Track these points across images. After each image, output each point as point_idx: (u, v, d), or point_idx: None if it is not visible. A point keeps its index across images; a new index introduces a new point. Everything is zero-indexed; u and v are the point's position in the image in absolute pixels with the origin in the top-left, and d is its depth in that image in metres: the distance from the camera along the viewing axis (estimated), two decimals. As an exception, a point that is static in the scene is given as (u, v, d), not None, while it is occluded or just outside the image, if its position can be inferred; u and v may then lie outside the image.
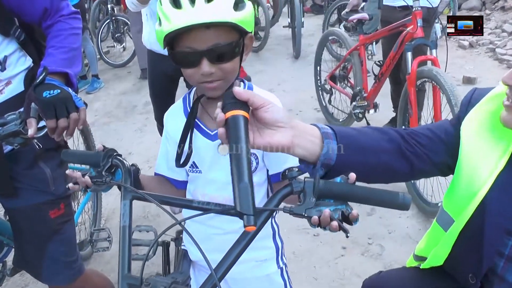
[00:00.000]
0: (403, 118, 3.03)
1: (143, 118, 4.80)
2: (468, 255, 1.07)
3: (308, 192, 0.85)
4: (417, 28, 2.70)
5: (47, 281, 1.68)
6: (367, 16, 3.36)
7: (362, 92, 3.41)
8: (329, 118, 4.09)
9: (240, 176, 0.76)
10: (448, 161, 1.08)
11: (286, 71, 5.67)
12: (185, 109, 1.26)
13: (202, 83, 1.09)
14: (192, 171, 1.26)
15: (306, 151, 0.92)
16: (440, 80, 2.45)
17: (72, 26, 1.51)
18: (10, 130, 1.26)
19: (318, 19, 7.62)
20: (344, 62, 3.78)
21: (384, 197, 0.85)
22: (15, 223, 1.60)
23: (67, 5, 1.54)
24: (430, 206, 2.71)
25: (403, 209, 0.84)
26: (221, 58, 1.05)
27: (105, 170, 1.07)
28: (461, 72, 4.80)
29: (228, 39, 1.04)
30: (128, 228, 0.90)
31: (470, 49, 5.68)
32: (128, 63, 6.62)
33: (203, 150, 1.21)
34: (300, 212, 0.84)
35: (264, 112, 0.85)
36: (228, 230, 1.22)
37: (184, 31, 1.00)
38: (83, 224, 2.72)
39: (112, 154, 1.08)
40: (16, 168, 1.51)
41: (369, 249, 2.57)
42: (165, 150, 1.31)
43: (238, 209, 0.74)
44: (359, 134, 1.01)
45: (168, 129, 1.29)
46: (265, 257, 1.35)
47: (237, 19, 1.00)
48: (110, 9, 6.55)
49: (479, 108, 1.06)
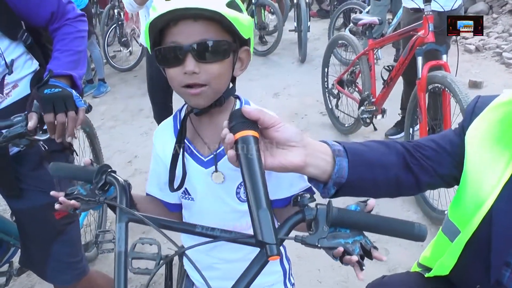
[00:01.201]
0: (410, 120, 3.01)
1: (149, 121, 4.79)
2: (475, 265, 1.05)
3: (321, 220, 0.80)
4: (428, 33, 2.67)
5: (52, 281, 1.69)
6: (377, 21, 3.34)
7: (370, 97, 3.39)
8: (335, 122, 4.07)
9: (258, 202, 0.71)
10: (454, 172, 1.05)
11: (292, 75, 5.66)
12: (175, 128, 1.15)
13: (185, 88, 0.98)
14: (184, 197, 1.17)
15: (318, 170, 0.89)
16: (455, 89, 2.42)
17: (78, 29, 1.53)
18: (16, 131, 1.27)
19: (324, 23, 7.62)
20: (352, 66, 3.77)
21: (400, 227, 0.82)
22: (21, 224, 1.62)
23: (73, 8, 1.56)
24: (435, 212, 2.68)
25: (419, 240, 0.80)
26: (208, 56, 0.95)
27: (98, 188, 0.98)
28: (467, 76, 4.77)
29: (217, 37, 0.95)
30: (124, 254, 0.82)
31: (476, 53, 5.65)
32: (134, 67, 6.65)
33: (195, 177, 1.11)
34: (313, 243, 0.79)
35: (275, 131, 0.81)
36: (231, 259, 1.16)
37: (169, 21, 0.93)
38: (88, 226, 2.72)
39: (106, 170, 0.99)
40: (22, 170, 1.53)
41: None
42: (156, 171, 1.20)
43: (260, 238, 0.69)
44: (367, 149, 0.99)
45: (157, 149, 1.18)
46: (272, 282, 1.28)
47: (228, 14, 0.92)
48: (117, 14, 6.59)
49: (483, 117, 1.04)
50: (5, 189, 1.53)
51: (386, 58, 5.61)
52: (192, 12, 0.91)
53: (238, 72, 1.06)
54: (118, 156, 4.11)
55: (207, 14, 0.91)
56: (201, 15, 0.92)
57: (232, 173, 1.08)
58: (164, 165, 1.14)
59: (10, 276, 1.89)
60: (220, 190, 1.11)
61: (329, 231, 0.79)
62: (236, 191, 1.11)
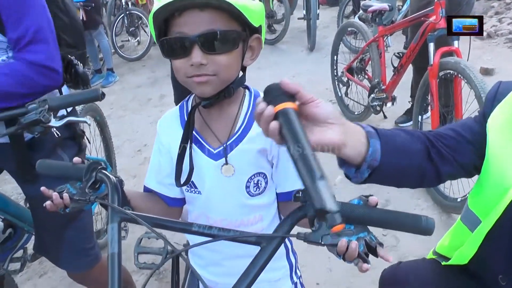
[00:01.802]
0: (419, 108, 2.98)
1: (158, 110, 4.80)
2: (497, 255, 1.03)
3: None
4: (440, 18, 2.62)
5: (66, 267, 1.72)
6: (387, 7, 3.30)
7: (380, 84, 3.36)
8: (344, 110, 4.05)
9: (313, 174, 0.65)
10: (475, 161, 1.02)
11: (301, 63, 5.63)
12: (181, 118, 1.11)
13: (191, 77, 0.94)
14: (189, 191, 1.13)
15: (355, 151, 0.84)
16: (469, 75, 2.37)
17: (21, 72, 1.35)
18: (31, 118, 1.29)
19: (332, 11, 7.55)
20: (362, 54, 3.73)
21: (407, 221, 0.78)
22: (34, 210, 1.64)
23: (38, 52, 1.36)
24: (447, 200, 2.65)
25: (426, 234, 0.77)
26: (216, 47, 0.91)
27: (88, 186, 0.95)
28: (479, 63, 4.70)
29: (225, 27, 0.91)
30: (117, 256, 0.78)
31: (488, 40, 5.57)
32: (142, 56, 6.65)
33: (204, 170, 1.07)
34: (316, 240, 0.75)
35: (315, 107, 0.76)
36: (236, 255, 1.10)
37: (175, 10, 0.89)
38: (99, 214, 2.74)
39: (96, 168, 0.95)
40: (36, 156, 1.53)
41: (383, 241, 2.48)
42: (157, 162, 1.15)
43: (319, 206, 0.62)
44: (394, 135, 0.96)
45: (161, 139, 1.14)
46: (279, 277, 1.25)
47: (236, 2, 0.87)
48: (125, 3, 6.58)
49: (506, 103, 1.00)
50: (21, 174, 1.55)
51: (396, 45, 5.54)
52: (198, 1, 0.87)
53: (249, 62, 1.02)
54: (128, 145, 4.13)
55: (214, 3, 0.87)
56: (208, 4, 0.88)
57: (243, 166, 1.06)
58: (169, 156, 1.10)
59: (25, 262, 1.92)
60: (229, 183, 1.07)
61: None
62: (246, 185, 1.08)
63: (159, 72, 6.03)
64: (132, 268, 2.48)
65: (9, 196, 1.80)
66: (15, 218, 1.78)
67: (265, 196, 1.12)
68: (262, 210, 1.13)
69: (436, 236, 2.61)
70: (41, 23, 1.35)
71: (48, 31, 1.38)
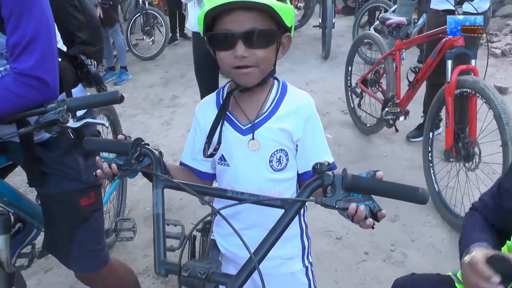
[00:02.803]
0: (431, 124, 2.97)
1: (169, 111, 4.81)
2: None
3: (338, 185, 0.88)
4: (459, 36, 2.61)
5: (74, 268, 1.71)
6: (405, 21, 3.29)
7: (394, 98, 3.35)
8: (357, 121, 4.04)
9: None
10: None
11: (314, 71, 5.63)
12: (217, 102, 1.27)
13: (235, 69, 1.10)
14: (220, 163, 1.27)
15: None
16: (489, 95, 2.36)
17: (6, 88, 1.30)
18: (49, 118, 1.30)
19: (348, 20, 7.55)
20: (377, 66, 3.72)
21: (406, 191, 0.89)
22: (46, 208, 1.64)
23: (27, 61, 1.30)
24: (458, 219, 2.63)
25: (422, 203, 0.88)
26: (256, 43, 1.06)
27: (134, 158, 1.07)
28: (492, 81, 4.65)
29: (265, 26, 1.06)
30: (162, 216, 0.91)
31: (502, 58, 5.54)
32: (156, 56, 6.67)
33: (233, 144, 1.22)
34: (331, 204, 0.88)
35: None
36: (255, 224, 1.25)
37: (224, 10, 1.03)
38: (107, 213, 2.75)
39: (140, 143, 1.07)
40: (52, 155, 1.55)
41: (391, 256, 2.53)
42: (193, 140, 1.32)
43: None
44: None
45: (199, 120, 1.30)
46: (291, 255, 1.36)
47: (277, 5, 1.03)
48: (142, 3, 6.61)
49: None
50: (30, 178, 1.55)
51: (410, 58, 5.54)
52: (245, 4, 1.01)
53: (281, 56, 1.18)
54: (139, 144, 4.13)
55: (258, 6, 1.01)
56: (253, 6, 1.02)
57: (268, 142, 1.21)
58: (203, 134, 1.25)
59: (33, 258, 1.91)
60: (255, 157, 1.21)
61: (344, 195, 0.89)
62: (270, 159, 1.22)
63: (172, 73, 6.06)
64: (138, 269, 2.49)
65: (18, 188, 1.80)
66: (26, 214, 1.78)
67: (286, 172, 1.26)
68: (282, 186, 1.27)
69: (445, 253, 2.60)
70: (38, 32, 1.30)
71: (44, 42, 1.32)
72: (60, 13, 1.57)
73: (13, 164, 1.71)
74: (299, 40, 6.74)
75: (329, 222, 2.80)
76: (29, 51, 1.29)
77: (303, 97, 1.26)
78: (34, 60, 1.30)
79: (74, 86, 1.63)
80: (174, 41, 7.35)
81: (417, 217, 2.84)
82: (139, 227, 2.69)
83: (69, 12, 1.66)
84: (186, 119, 4.46)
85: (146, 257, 2.64)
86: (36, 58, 1.30)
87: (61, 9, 1.61)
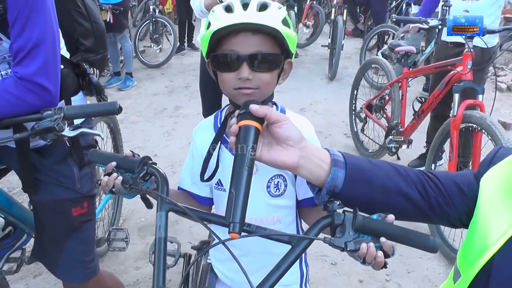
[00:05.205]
0: (434, 156, 2.95)
1: (171, 121, 4.80)
2: None
3: (348, 225, 0.87)
4: (468, 70, 2.60)
5: (61, 277, 1.69)
6: (414, 49, 3.29)
7: (399, 127, 3.33)
8: (359, 146, 4.02)
9: (237, 183, 0.84)
10: (462, 217, 1.04)
11: (319, 91, 5.63)
12: (215, 125, 1.27)
13: (238, 89, 1.09)
14: (217, 188, 1.26)
15: (311, 174, 0.92)
16: (495, 132, 2.35)
17: (6, 89, 1.29)
18: (44, 125, 1.27)
19: (356, 41, 7.59)
20: (383, 92, 3.71)
21: (416, 238, 0.89)
22: (37, 215, 1.61)
23: (29, 66, 1.29)
24: (455, 253, 2.61)
25: (431, 251, 0.88)
26: (261, 66, 1.06)
27: (140, 177, 1.04)
28: (497, 116, 4.65)
29: (270, 50, 1.06)
30: (163, 240, 0.90)
31: (507, 92, 5.55)
32: (162, 64, 6.68)
33: (230, 168, 1.19)
34: (340, 245, 0.87)
35: (278, 127, 0.88)
36: (250, 251, 1.25)
37: (231, 32, 1.03)
38: (101, 221, 2.72)
39: (147, 162, 1.05)
40: (46, 162, 1.53)
41: (386, 286, 2.50)
42: (191, 164, 1.30)
43: (226, 218, 0.79)
44: (374, 169, 0.98)
45: (196, 143, 1.29)
46: (289, 282, 1.35)
47: (284, 31, 1.03)
48: (152, 10, 6.64)
49: (499, 168, 1.01)
50: (24, 184, 1.54)
51: (415, 85, 5.55)
52: (254, 27, 1.01)
53: (281, 81, 1.18)
54: (138, 153, 4.09)
55: (267, 29, 1.02)
56: (261, 30, 1.02)
57: (265, 166, 1.18)
58: (200, 158, 1.21)
59: (22, 263, 1.89)
60: (253, 181, 1.17)
61: (354, 236, 0.87)
62: (267, 185, 1.21)
63: (177, 82, 6.06)
64: (128, 282, 2.45)
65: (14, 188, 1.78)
66: (17, 219, 1.76)
67: (284, 199, 1.24)
68: (281, 212, 1.26)
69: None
70: (43, 38, 1.29)
71: (48, 48, 1.31)
72: (66, 20, 1.57)
73: (6, 168, 1.69)
74: (305, 59, 6.76)
75: (324, 247, 2.72)
76: (32, 56, 1.29)
77: (302, 122, 1.24)
78: (37, 66, 1.29)
79: (74, 93, 1.61)
80: (182, 50, 7.39)
81: (414, 249, 2.79)
82: (132, 238, 2.65)
83: (75, 19, 1.65)
84: (187, 131, 4.43)
85: (137, 269, 2.61)
86: (38, 63, 1.29)
87: (67, 16, 1.61)
